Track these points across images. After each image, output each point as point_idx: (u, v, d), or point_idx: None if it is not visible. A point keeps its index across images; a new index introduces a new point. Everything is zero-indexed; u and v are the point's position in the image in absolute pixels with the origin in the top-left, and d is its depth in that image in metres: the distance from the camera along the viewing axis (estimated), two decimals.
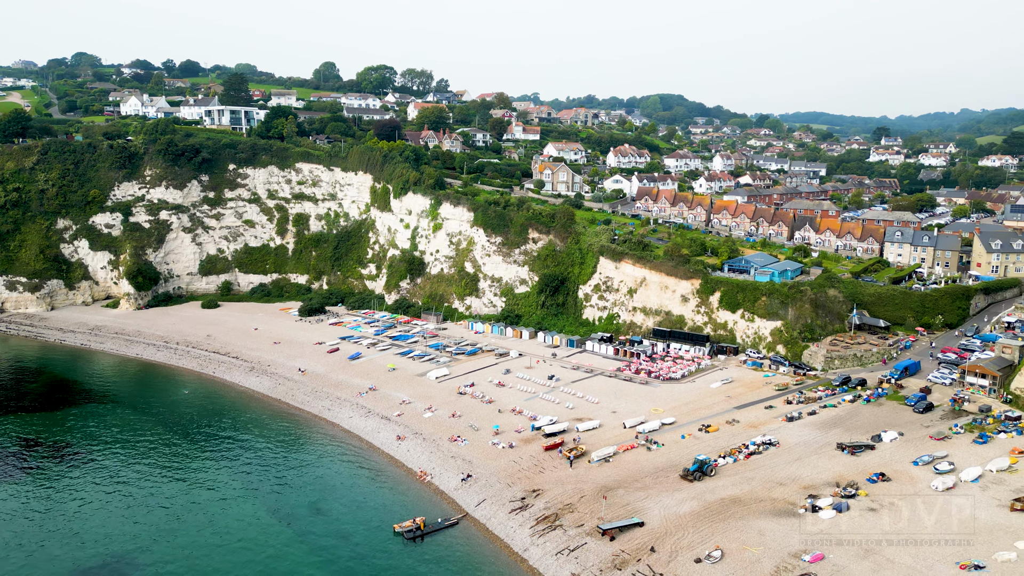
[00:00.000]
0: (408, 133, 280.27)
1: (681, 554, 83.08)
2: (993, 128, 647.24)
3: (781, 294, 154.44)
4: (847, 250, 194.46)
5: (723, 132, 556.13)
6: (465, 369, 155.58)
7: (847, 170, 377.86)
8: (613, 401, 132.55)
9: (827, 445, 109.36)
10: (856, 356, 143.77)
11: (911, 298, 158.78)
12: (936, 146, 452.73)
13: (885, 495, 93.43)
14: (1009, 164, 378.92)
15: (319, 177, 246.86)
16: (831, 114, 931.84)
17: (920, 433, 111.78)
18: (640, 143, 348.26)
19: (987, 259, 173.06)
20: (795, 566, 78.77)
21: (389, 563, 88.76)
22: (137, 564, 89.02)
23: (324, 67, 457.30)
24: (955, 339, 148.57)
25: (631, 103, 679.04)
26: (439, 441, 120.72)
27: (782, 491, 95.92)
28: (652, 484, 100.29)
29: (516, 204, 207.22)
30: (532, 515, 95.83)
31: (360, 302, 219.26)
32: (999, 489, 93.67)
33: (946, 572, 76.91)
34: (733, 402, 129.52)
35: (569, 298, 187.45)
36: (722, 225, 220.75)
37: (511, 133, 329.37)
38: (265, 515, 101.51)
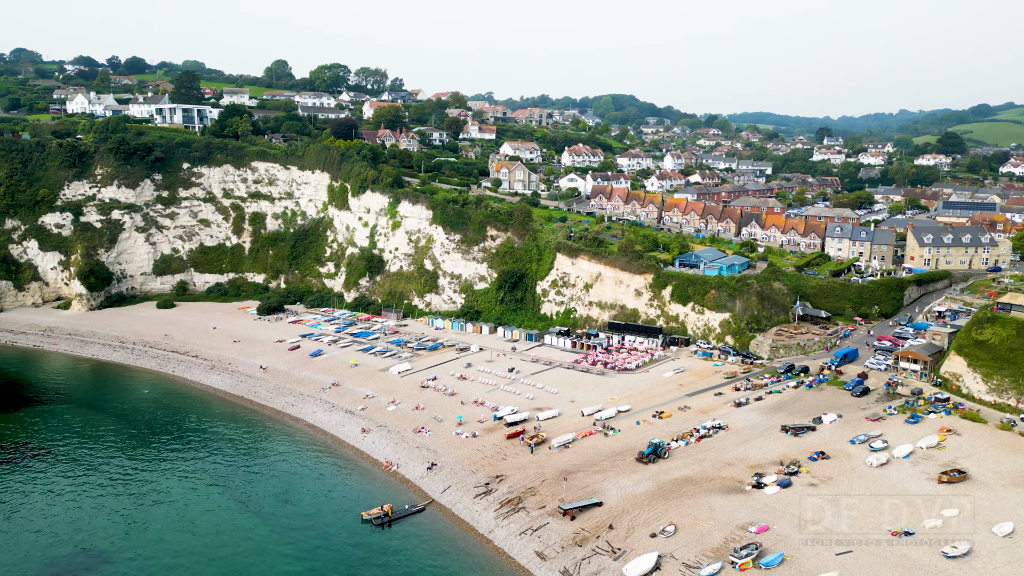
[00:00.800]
0: (365, 132, 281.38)
1: (638, 530, 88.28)
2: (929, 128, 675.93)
3: (729, 287, 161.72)
4: (791, 245, 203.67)
5: (673, 132, 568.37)
6: (427, 364, 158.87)
7: (792, 169, 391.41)
8: (571, 391, 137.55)
9: (772, 428, 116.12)
10: (799, 345, 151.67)
11: (850, 290, 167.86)
12: (875, 146, 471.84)
13: (825, 471, 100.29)
14: (943, 163, 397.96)
15: (275, 176, 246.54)
16: (777, 114, 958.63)
17: (857, 415, 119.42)
18: (594, 143, 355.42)
19: (920, 253, 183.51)
20: (742, 537, 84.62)
21: (358, 548, 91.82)
22: (108, 556, 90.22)
23: (276, 65, 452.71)
24: (890, 328, 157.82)
25: (584, 103, 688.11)
26: (404, 433, 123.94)
27: (731, 470, 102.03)
28: (609, 467, 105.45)
29: (474, 202, 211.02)
30: (496, 499, 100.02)
31: (319, 300, 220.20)
32: (928, 464, 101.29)
33: (878, 538, 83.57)
34: (685, 390, 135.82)
35: (527, 294, 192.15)
36: (673, 222, 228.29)
37: (467, 132, 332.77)
38: (235, 506, 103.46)
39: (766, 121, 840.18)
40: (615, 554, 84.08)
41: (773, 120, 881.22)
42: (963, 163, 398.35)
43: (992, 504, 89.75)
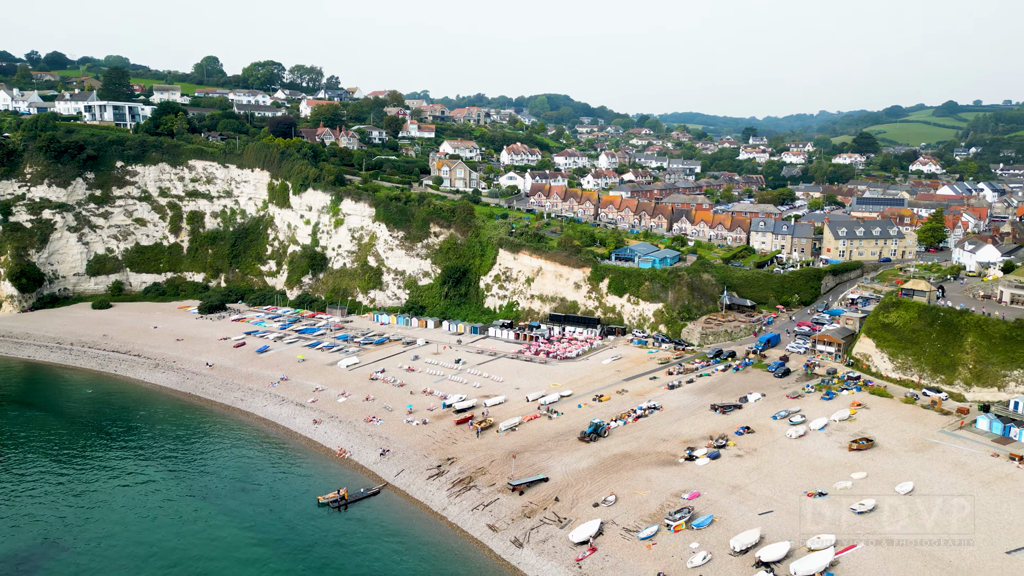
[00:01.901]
0: (304, 130, 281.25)
1: (581, 501, 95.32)
2: (846, 129, 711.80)
3: (662, 279, 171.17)
4: (719, 239, 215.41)
5: (607, 131, 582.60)
6: (374, 357, 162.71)
7: (719, 167, 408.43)
8: (516, 379, 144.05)
9: (702, 407, 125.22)
10: (727, 332, 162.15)
11: (772, 280, 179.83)
12: (797, 145, 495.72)
13: (749, 444, 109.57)
14: (858, 161, 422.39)
15: (214, 174, 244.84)
16: (706, 115, 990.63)
17: (779, 394, 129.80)
18: (531, 142, 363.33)
19: (835, 245, 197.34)
20: (676, 503, 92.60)
21: (317, 529, 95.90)
22: (69, 547, 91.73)
23: (206, 62, 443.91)
24: (809, 314, 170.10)
25: (520, 102, 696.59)
26: (355, 422, 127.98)
27: (665, 445, 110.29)
28: (554, 446, 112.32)
29: (417, 200, 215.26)
30: (448, 479, 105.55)
31: (261, 298, 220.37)
32: (840, 435, 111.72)
33: (796, 499, 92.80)
34: (622, 375, 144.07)
35: (471, 288, 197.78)
36: (609, 218, 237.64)
37: (406, 131, 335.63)
38: (191, 496, 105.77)
39: (695, 121, 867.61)
40: (561, 523, 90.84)
41: (702, 120, 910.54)
42: (876, 162, 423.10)
43: (895, 467, 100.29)
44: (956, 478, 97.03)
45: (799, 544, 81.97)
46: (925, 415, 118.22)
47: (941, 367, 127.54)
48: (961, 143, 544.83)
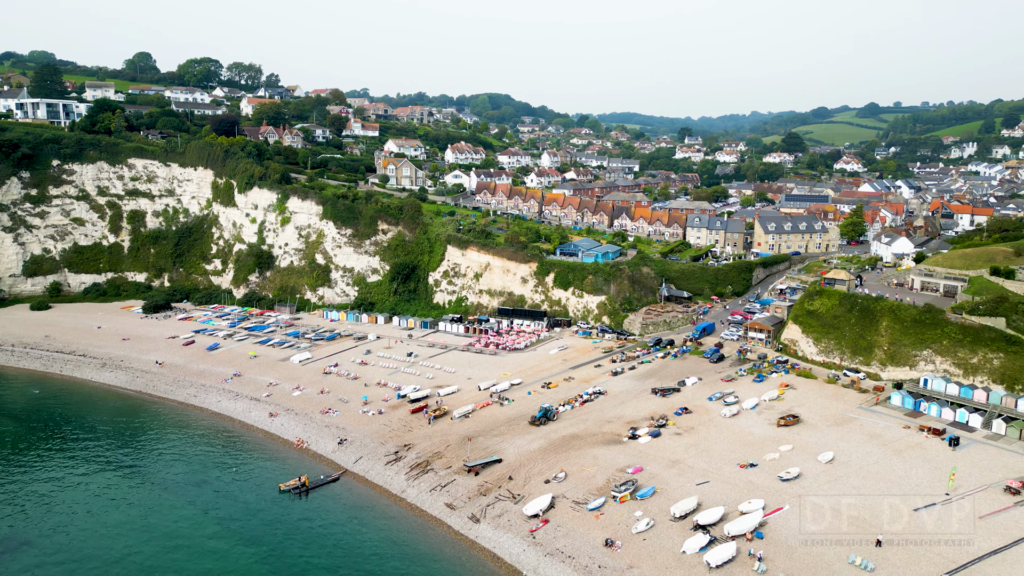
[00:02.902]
0: (247, 128, 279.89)
1: (534, 478, 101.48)
2: (776, 129, 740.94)
3: (604, 273, 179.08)
4: (657, 234, 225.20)
5: (548, 131, 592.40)
6: (327, 353, 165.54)
7: (657, 166, 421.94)
8: (467, 370, 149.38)
9: (644, 391, 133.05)
10: (666, 322, 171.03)
11: (707, 272, 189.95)
12: (730, 145, 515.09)
13: (687, 423, 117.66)
14: (787, 160, 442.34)
15: (155, 173, 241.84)
16: (643, 115, 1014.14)
17: (714, 377, 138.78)
18: (475, 140, 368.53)
19: (765, 239, 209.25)
20: (621, 477, 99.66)
21: (280, 515, 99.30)
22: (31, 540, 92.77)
23: (138, 58, 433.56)
24: (741, 304, 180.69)
25: (461, 101, 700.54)
26: (311, 414, 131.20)
27: (610, 426, 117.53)
28: (506, 430, 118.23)
29: (364, 197, 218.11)
30: (406, 464, 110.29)
31: (207, 297, 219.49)
32: (770, 413, 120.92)
33: (729, 470, 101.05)
34: (569, 364, 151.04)
35: (420, 284, 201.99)
36: (552, 215, 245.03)
37: (350, 129, 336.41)
38: (152, 489, 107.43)
39: (633, 121, 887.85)
40: (515, 499, 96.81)
41: (639, 120, 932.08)
42: (804, 161, 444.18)
43: (817, 440, 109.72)
44: (871, 448, 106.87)
45: (732, 509, 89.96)
46: (845, 393, 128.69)
47: (859, 349, 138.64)
48: (881, 143, 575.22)
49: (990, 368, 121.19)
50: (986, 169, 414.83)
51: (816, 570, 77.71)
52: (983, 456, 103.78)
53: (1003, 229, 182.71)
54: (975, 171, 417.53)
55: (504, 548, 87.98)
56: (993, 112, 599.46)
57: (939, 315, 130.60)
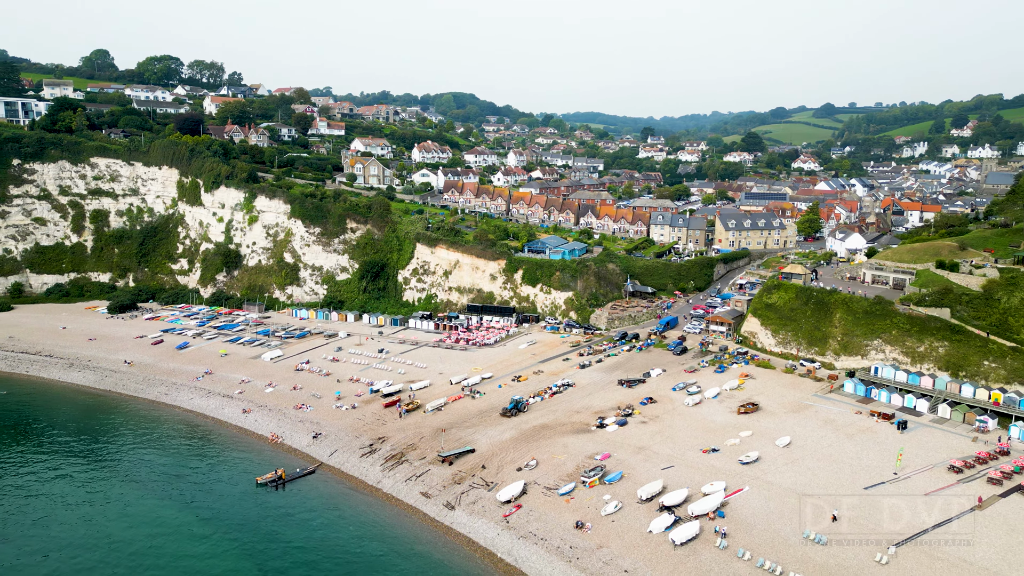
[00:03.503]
0: (211, 127, 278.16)
1: (506, 467, 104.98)
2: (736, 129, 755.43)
3: (571, 269, 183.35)
4: (621, 232, 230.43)
5: (514, 130, 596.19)
6: (298, 350, 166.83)
7: (621, 165, 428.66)
8: (439, 365, 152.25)
9: (611, 382, 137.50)
10: (631, 316, 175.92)
11: (671, 268, 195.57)
12: (691, 145, 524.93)
13: (653, 412, 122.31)
14: (747, 159, 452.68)
15: (118, 172, 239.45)
16: (607, 114, 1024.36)
17: (678, 369, 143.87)
18: (442, 140, 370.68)
19: (726, 236, 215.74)
20: (590, 463, 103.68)
21: (259, 506, 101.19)
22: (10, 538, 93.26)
23: (95, 55, 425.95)
24: (703, 299, 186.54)
25: (426, 100, 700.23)
26: (285, 410, 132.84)
27: (579, 416, 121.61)
28: (479, 422, 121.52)
29: (333, 196, 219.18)
30: (381, 456, 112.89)
31: (174, 297, 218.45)
32: (731, 401, 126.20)
33: (693, 455, 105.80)
34: (538, 358, 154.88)
35: (390, 282, 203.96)
36: (520, 213, 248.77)
37: (316, 128, 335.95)
38: (129, 484, 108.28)
39: (597, 120, 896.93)
40: (489, 486, 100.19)
41: (603, 120, 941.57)
42: (763, 160, 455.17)
43: (776, 426, 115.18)
44: (826, 432, 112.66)
45: (695, 491, 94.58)
46: (802, 382, 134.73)
47: (815, 340, 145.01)
48: (837, 143, 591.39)
49: (936, 356, 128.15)
50: (936, 168, 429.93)
51: (774, 545, 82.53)
52: (929, 438, 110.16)
53: (949, 225, 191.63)
54: (926, 170, 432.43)
55: (479, 533, 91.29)
56: (943, 113, 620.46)
57: (888, 307, 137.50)
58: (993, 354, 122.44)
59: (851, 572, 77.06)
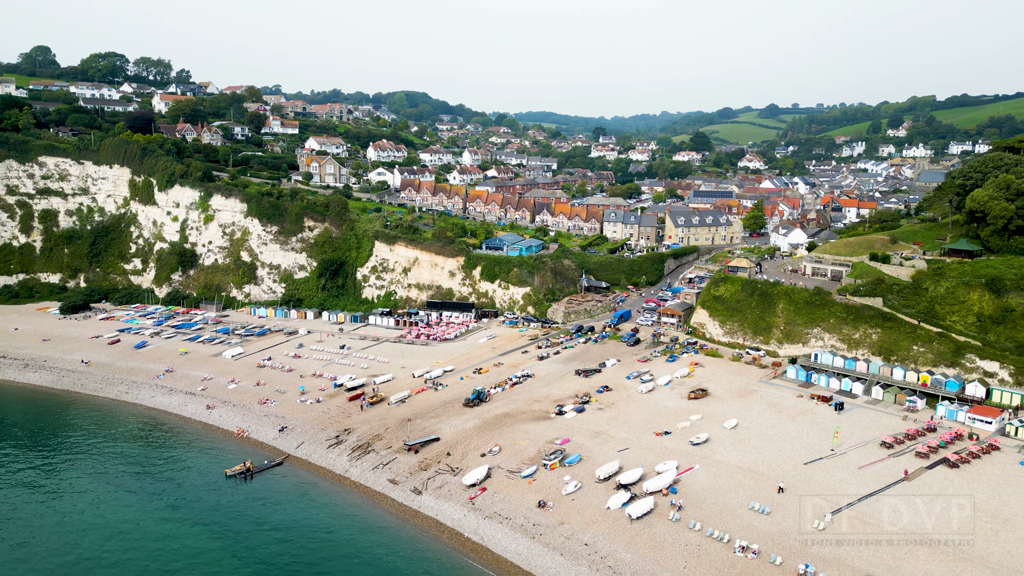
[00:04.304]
0: (162, 126, 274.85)
1: (470, 453, 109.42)
2: (685, 128, 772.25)
3: (528, 265, 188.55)
4: (576, 229, 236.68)
5: (468, 129, 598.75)
6: (259, 347, 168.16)
7: (574, 164, 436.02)
8: (401, 359, 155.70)
9: (568, 373, 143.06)
10: (586, 310, 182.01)
11: (624, 264, 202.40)
12: (642, 144, 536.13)
13: (608, 399, 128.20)
14: (695, 159, 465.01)
15: (68, 171, 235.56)
16: (559, 114, 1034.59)
17: (631, 359, 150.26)
18: (396, 139, 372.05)
19: (676, 232, 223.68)
20: (550, 448, 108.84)
21: (229, 497, 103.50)
22: None
23: (36, 51, 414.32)
24: (654, 292, 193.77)
25: (378, 99, 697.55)
26: (249, 405, 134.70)
27: (539, 405, 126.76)
28: (442, 412, 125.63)
29: (289, 195, 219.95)
30: (348, 447, 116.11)
31: (128, 297, 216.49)
32: (681, 388, 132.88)
33: (647, 438, 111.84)
34: (497, 351, 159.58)
35: (349, 280, 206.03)
36: (477, 212, 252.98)
37: (269, 127, 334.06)
38: (96, 479, 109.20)
39: (549, 120, 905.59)
40: (454, 472, 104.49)
41: (555, 119, 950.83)
42: (711, 159, 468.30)
43: (723, 410, 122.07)
44: (770, 415, 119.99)
45: (650, 470, 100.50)
46: (748, 369, 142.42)
47: (760, 330, 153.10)
48: (781, 142, 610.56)
49: (870, 342, 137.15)
50: (873, 166, 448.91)
51: (722, 516, 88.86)
52: (863, 418, 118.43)
53: (883, 220, 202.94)
54: (864, 168, 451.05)
55: (446, 515, 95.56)
56: (880, 113, 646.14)
57: (827, 297, 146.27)
58: (921, 339, 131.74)
59: (791, 538, 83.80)
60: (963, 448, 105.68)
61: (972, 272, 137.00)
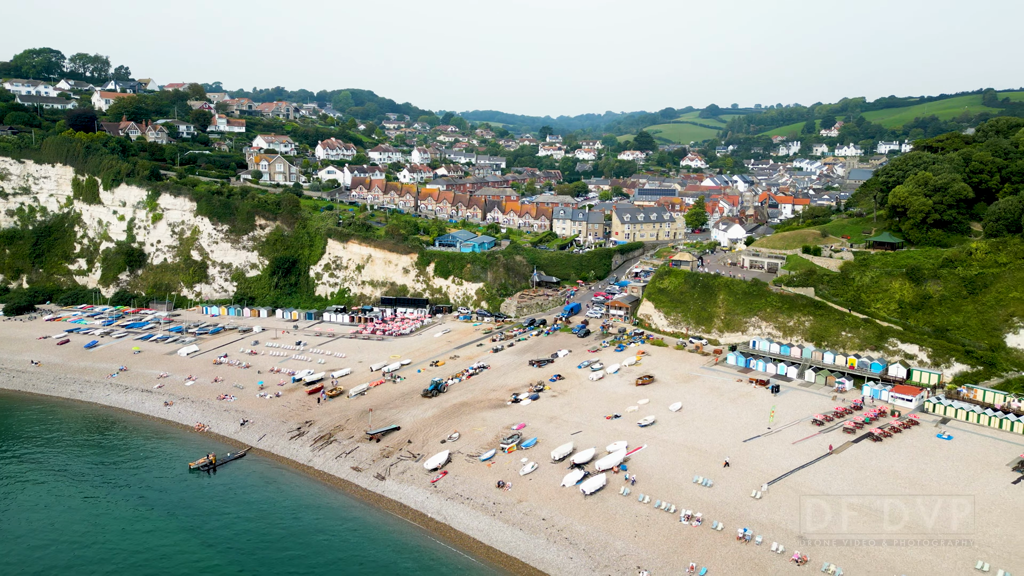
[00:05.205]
0: (105, 124, 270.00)
1: (431, 440, 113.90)
2: (629, 128, 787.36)
3: (481, 262, 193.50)
4: (526, 226, 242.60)
5: (415, 128, 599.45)
6: (214, 345, 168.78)
7: (522, 163, 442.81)
8: (358, 354, 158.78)
9: (522, 363, 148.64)
10: (538, 304, 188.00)
11: (573, 259, 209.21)
12: (588, 143, 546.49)
13: (561, 387, 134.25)
14: (639, 158, 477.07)
15: (7, 170, 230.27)
16: (505, 113, 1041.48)
17: (582, 349, 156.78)
18: (345, 137, 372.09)
19: (622, 229, 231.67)
20: (508, 433, 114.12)
21: (195, 489, 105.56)
22: None
23: None
24: (603, 286, 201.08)
25: (323, 97, 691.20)
26: (208, 401, 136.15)
27: (495, 394, 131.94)
28: (402, 403, 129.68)
29: (240, 193, 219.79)
30: (310, 438, 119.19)
31: (73, 298, 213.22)
32: (629, 375, 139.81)
33: (598, 422, 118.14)
34: (453, 344, 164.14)
35: (302, 278, 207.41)
36: (429, 209, 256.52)
37: (215, 125, 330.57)
38: (57, 476, 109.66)
39: (496, 119, 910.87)
40: (416, 458, 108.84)
41: (502, 118, 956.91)
42: (654, 158, 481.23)
43: (668, 394, 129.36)
44: (712, 398, 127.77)
45: (601, 450, 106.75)
46: (691, 357, 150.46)
47: (702, 320, 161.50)
48: (721, 141, 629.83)
49: (803, 329, 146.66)
50: (808, 165, 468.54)
51: (669, 489, 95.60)
52: (797, 399, 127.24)
53: (815, 216, 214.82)
54: (799, 167, 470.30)
55: (410, 498, 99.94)
56: (814, 114, 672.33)
57: (763, 288, 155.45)
58: (849, 326, 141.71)
59: (731, 506, 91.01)
60: (886, 424, 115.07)
61: (894, 263, 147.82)
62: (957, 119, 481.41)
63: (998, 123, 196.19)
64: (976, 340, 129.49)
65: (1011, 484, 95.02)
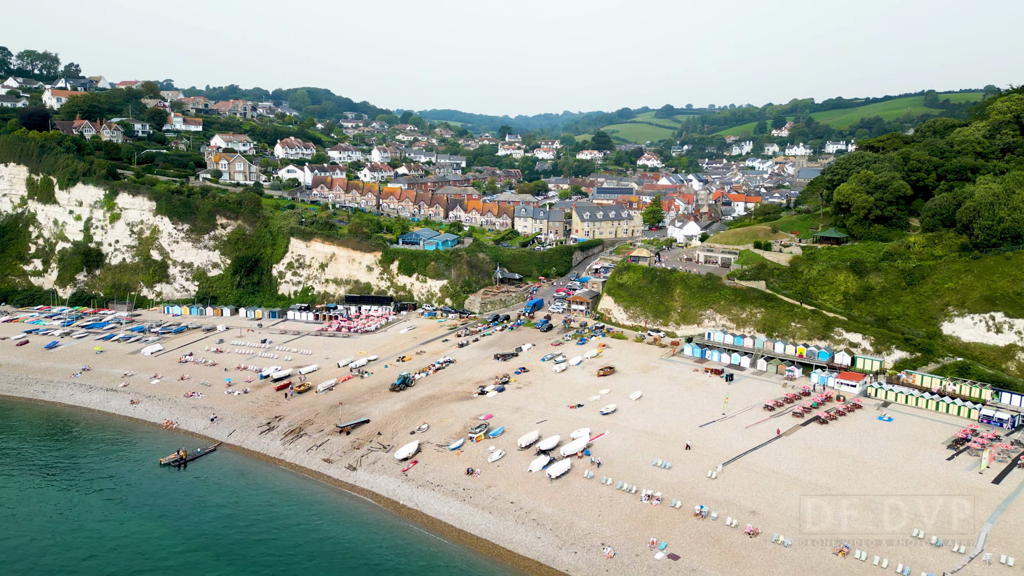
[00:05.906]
0: (59, 123, 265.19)
1: (400, 431, 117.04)
2: (587, 128, 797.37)
3: (445, 259, 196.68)
4: (489, 224, 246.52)
5: (373, 127, 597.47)
6: (178, 344, 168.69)
7: (482, 162, 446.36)
8: (324, 351, 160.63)
9: (488, 357, 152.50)
10: (502, 301, 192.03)
11: (535, 256, 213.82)
12: (547, 143, 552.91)
13: (526, 379, 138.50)
14: (597, 157, 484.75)
15: None
16: (464, 112, 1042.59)
17: (545, 343, 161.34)
18: (304, 136, 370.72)
19: (582, 226, 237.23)
20: (475, 423, 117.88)
21: (167, 484, 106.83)
22: None
23: None
24: (564, 282, 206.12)
25: (278, 95, 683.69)
26: (175, 399, 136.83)
27: (462, 387, 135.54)
28: (370, 397, 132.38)
29: (200, 192, 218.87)
30: (280, 432, 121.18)
31: (29, 299, 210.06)
32: (591, 367, 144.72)
33: (562, 411, 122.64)
34: (419, 340, 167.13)
35: (264, 276, 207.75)
36: (391, 208, 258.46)
37: (171, 124, 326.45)
38: (24, 476, 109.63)
39: (455, 118, 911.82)
40: (386, 449, 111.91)
41: (460, 117, 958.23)
42: (612, 157, 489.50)
43: (629, 384, 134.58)
44: (670, 387, 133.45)
45: (566, 437, 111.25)
46: (650, 349, 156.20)
47: (660, 313, 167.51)
48: (676, 141, 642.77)
49: (755, 320, 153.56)
50: (760, 164, 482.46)
51: (629, 472, 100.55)
52: (749, 387, 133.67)
53: (766, 213, 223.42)
54: (751, 166, 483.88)
55: (381, 487, 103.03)
56: (765, 114, 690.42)
57: (717, 281, 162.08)
58: (798, 317, 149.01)
59: (688, 486, 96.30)
60: (832, 408, 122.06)
61: (839, 256, 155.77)
62: (900, 120, 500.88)
63: (935, 124, 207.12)
64: (915, 328, 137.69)
65: (945, 460, 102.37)
